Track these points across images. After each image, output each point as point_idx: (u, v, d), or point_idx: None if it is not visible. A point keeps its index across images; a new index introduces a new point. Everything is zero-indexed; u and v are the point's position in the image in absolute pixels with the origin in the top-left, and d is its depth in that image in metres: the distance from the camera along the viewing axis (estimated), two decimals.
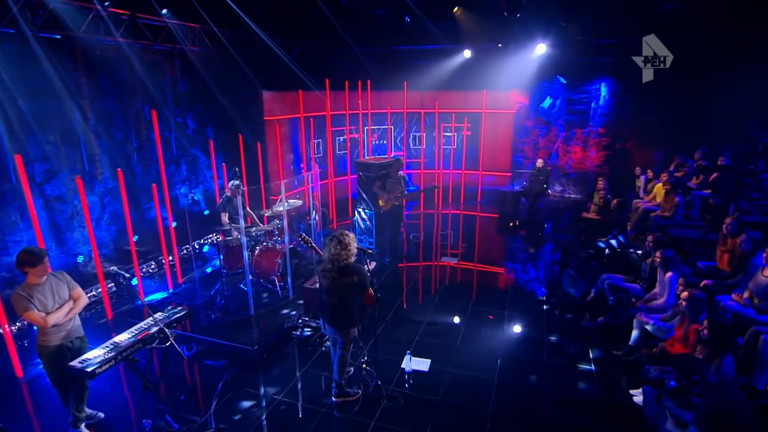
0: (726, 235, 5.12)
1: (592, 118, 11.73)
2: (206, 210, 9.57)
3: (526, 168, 12.10)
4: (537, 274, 7.18)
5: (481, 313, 5.84)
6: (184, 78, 8.74)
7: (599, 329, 5.29)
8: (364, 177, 7.80)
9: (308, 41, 10.27)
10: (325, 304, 3.92)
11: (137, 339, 3.51)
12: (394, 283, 6.81)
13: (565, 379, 4.55)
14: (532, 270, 7.32)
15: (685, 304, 3.96)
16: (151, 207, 8.50)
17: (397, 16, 10.77)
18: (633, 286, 5.45)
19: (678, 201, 6.83)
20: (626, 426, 3.89)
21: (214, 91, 8.77)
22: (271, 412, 4.10)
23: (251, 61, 9.16)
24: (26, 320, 3.48)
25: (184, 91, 8.79)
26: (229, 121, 9.12)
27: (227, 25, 8.69)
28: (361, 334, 4.55)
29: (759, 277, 4.30)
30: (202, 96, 8.90)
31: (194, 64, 8.69)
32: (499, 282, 6.98)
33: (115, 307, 5.98)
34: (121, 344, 3.45)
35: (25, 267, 3.46)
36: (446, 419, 3.97)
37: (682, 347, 4.04)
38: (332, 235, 3.78)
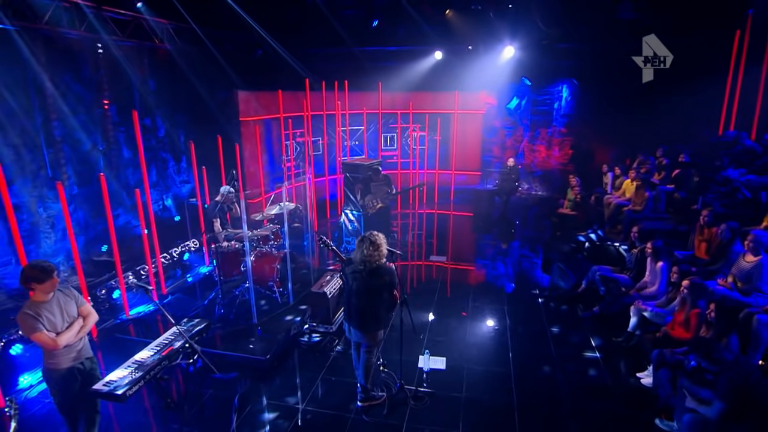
0: (703, 225, 5.57)
1: (555, 119, 12.35)
2: (177, 216, 9.08)
3: (495, 167, 12.54)
4: (523, 269, 7.45)
5: (481, 309, 5.98)
6: (153, 76, 8.24)
7: (595, 318, 5.59)
8: (351, 178, 7.73)
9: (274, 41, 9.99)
10: (353, 307, 3.85)
11: (162, 356, 3.28)
12: None
13: (575, 366, 4.78)
14: (518, 266, 7.60)
15: (687, 291, 4.28)
16: (119, 214, 7.97)
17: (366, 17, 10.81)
18: (622, 276, 5.80)
19: (648, 195, 7.34)
20: (642, 407, 4.13)
21: (187, 91, 8.34)
22: (298, 423, 3.97)
23: (225, 59, 8.80)
24: (35, 342, 3.13)
25: (154, 90, 8.29)
26: (202, 122, 8.70)
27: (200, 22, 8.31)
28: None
29: (741, 263, 4.73)
30: (172, 96, 8.43)
31: (164, 62, 8.23)
32: (490, 278, 7.16)
33: (98, 324, 5.51)
34: (146, 362, 3.21)
35: (31, 283, 3.12)
36: (475, 414, 4.04)
37: (683, 331, 4.36)
38: (363, 236, 3.72)
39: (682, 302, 4.42)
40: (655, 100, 9.51)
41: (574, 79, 11.55)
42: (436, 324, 5.59)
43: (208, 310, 5.70)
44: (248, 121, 8.96)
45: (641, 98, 9.87)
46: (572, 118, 11.98)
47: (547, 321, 5.68)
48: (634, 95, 9.98)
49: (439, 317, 5.75)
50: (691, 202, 7.01)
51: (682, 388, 3.69)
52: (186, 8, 7.75)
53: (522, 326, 5.57)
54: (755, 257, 4.58)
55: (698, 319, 4.16)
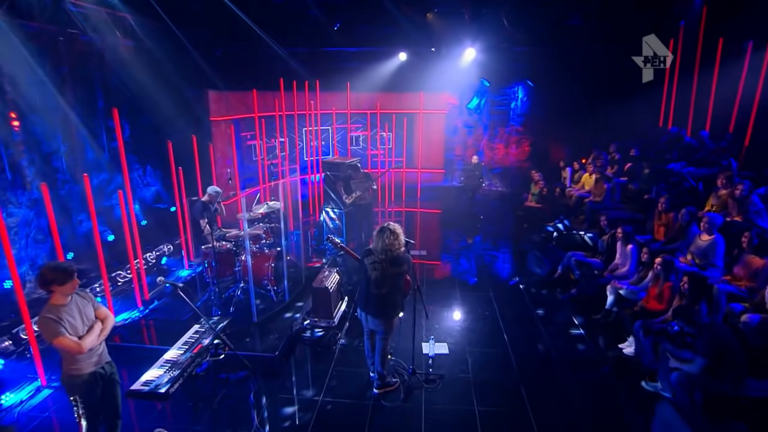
0: (661, 211, 6.25)
1: (512, 118, 13.09)
2: (144, 220, 8.67)
3: (457, 165, 13.06)
4: (498, 259, 7.90)
5: (469, 297, 6.30)
6: (116, 74, 7.81)
7: (574, 300, 6.10)
8: (332, 176, 7.80)
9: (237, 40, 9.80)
10: (371, 297, 3.99)
11: (194, 353, 3.24)
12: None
13: (564, 343, 5.21)
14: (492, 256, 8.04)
15: (660, 267, 4.83)
16: (83, 220, 7.50)
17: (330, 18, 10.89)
18: (594, 260, 6.37)
19: (607, 187, 8.05)
20: (627, 373, 4.61)
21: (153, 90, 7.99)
22: (320, 413, 4.04)
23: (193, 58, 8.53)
24: (58, 347, 2.98)
25: (116, 89, 7.86)
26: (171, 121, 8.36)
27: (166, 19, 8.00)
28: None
29: (698, 242, 5.39)
30: (138, 95, 8.03)
31: (128, 59, 7.84)
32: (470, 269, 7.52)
33: None
34: (180, 360, 3.17)
35: (52, 285, 2.98)
36: (486, 392, 4.32)
37: (656, 303, 4.91)
38: (383, 226, 3.88)
39: (655, 278, 4.97)
40: (602, 101, 10.39)
41: (528, 80, 12.32)
42: (431, 312, 5.82)
43: (203, 311, 5.55)
44: (219, 121, 8.74)
45: (590, 99, 10.77)
46: (528, 118, 12.76)
47: (532, 305, 6.11)
48: (584, 97, 10.87)
49: (432, 305, 5.98)
50: (644, 192, 7.78)
51: (665, 351, 4.18)
52: (148, 3, 7.46)
53: (509, 311, 5.95)
54: (710, 236, 5.24)
55: (671, 291, 4.72)
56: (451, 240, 9.10)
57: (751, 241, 4.82)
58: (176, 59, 8.19)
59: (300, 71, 10.26)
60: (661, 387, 4.22)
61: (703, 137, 7.97)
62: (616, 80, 10.16)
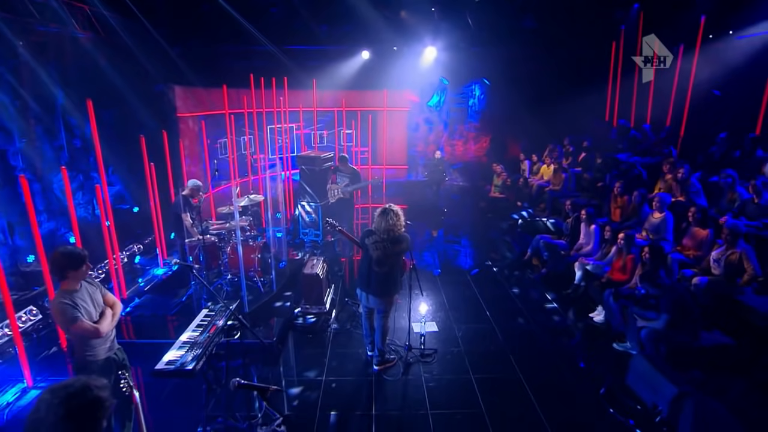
0: (616, 195, 6.90)
1: (470, 115, 13.69)
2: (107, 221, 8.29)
3: (420, 161, 13.47)
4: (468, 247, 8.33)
5: (450, 282, 6.63)
6: (75, 67, 7.45)
7: (544, 278, 6.60)
8: (308, 170, 7.89)
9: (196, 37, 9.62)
10: (372, 275, 4.18)
11: (211, 333, 3.29)
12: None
13: (542, 316, 5.66)
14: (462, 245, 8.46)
15: (623, 242, 5.38)
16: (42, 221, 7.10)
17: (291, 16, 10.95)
18: (560, 241, 6.91)
19: (564, 176, 8.72)
20: (599, 337, 5.11)
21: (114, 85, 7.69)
22: (326, 391, 4.18)
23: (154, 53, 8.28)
24: (76, 332, 2.92)
25: (77, 82, 7.49)
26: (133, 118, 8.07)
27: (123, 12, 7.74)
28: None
29: (651, 219, 6.04)
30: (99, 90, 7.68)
31: (87, 53, 7.50)
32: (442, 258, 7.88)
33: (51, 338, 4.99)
34: (198, 340, 3.21)
35: (67, 270, 2.94)
36: (478, 362, 4.63)
37: (620, 274, 5.47)
38: (385, 208, 4.08)
39: (618, 252, 5.53)
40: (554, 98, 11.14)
41: (485, 79, 12.96)
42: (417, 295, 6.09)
43: (189, 306, 5.49)
44: (186, 117, 8.55)
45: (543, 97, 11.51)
46: (485, 115, 13.40)
47: (508, 285, 6.54)
48: (537, 94, 11.60)
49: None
50: (597, 180, 8.49)
51: (632, 314, 4.70)
52: None
53: (488, 291, 6.33)
54: (661, 214, 5.90)
55: (633, 262, 5.28)
56: (420, 232, 9.42)
57: (695, 216, 5.49)
58: (140, 53, 7.93)
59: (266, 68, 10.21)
60: (630, 346, 4.74)
61: (645, 130, 8.83)
62: (566, 79, 10.96)
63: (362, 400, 4.09)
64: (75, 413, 1.46)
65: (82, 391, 1.48)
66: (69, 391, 1.48)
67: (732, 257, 4.75)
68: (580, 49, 10.93)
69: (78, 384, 1.50)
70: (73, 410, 1.45)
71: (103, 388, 1.55)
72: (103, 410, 1.49)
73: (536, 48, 11.47)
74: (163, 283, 6.34)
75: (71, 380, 1.55)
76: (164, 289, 6.05)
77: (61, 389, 1.49)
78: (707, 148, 7.48)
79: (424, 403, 4.02)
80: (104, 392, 1.55)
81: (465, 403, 4.02)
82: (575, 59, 11.11)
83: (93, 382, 1.53)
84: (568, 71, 11.11)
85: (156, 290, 5.99)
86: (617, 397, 4.04)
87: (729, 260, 4.76)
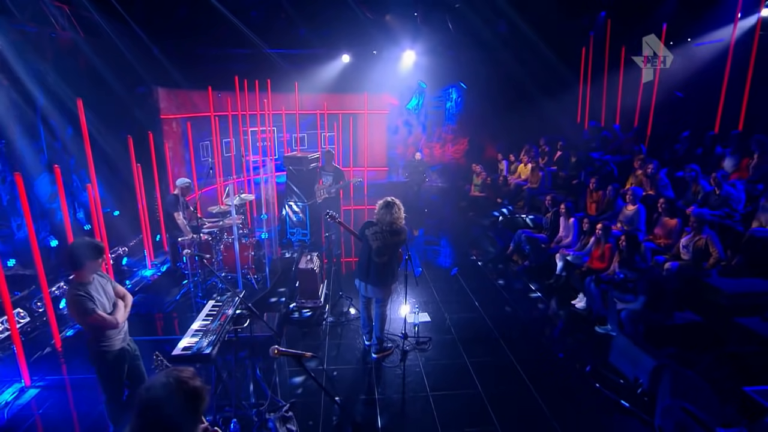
0: (592, 190, 7.32)
1: (448, 118, 14.07)
2: (87, 225, 8.15)
3: (400, 162, 13.74)
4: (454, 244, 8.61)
5: (438, 276, 6.87)
6: (56, 68, 7.32)
7: (527, 270, 6.92)
8: (294, 171, 7.99)
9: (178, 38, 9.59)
10: (372, 265, 4.36)
11: (222, 321, 3.39)
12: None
13: (527, 304, 5.96)
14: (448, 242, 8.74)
15: (601, 232, 5.75)
16: (22, 224, 6.94)
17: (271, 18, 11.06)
18: (541, 235, 7.26)
19: (541, 175, 9.13)
20: (581, 322, 5.44)
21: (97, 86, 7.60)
22: (328, 379, 4.32)
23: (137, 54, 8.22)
24: (92, 323, 2.96)
25: (57, 83, 7.36)
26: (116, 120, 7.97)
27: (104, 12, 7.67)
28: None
29: (625, 212, 6.45)
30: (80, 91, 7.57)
31: (68, 53, 7.40)
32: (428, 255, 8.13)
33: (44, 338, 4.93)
34: (211, 327, 3.30)
35: (85, 261, 2.99)
36: (471, 347, 4.86)
37: (599, 263, 5.83)
38: (388, 201, 4.28)
39: (596, 242, 5.89)
40: (528, 101, 11.62)
41: (461, 82, 13.36)
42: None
43: (184, 304, 5.52)
44: (170, 119, 8.51)
45: (517, 99, 11.97)
46: (462, 117, 13.80)
47: (494, 277, 6.83)
48: (512, 97, 12.06)
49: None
50: (572, 178, 8.94)
51: (612, 298, 5.04)
52: None
53: (474, 283, 6.61)
54: (634, 206, 6.32)
55: (611, 251, 5.65)
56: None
57: (664, 207, 5.92)
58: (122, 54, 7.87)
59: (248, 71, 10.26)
60: (611, 328, 5.07)
61: (615, 130, 9.36)
62: (540, 82, 11.45)
63: (364, 385, 4.25)
64: (190, 395, 1.59)
65: (192, 377, 1.64)
66: (182, 376, 1.62)
67: (699, 243, 5.16)
68: (552, 55, 11.45)
69: (187, 372, 1.65)
70: (189, 392, 1.59)
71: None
72: (206, 392, 1.65)
73: (510, 53, 11.93)
74: (153, 283, 6.32)
75: (178, 368, 1.68)
76: (155, 289, 6.05)
77: (174, 373, 1.63)
78: (672, 145, 8.01)
79: (424, 386, 4.21)
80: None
81: (462, 384, 4.24)
82: (548, 64, 11.62)
83: (188, 372, 1.66)
84: (541, 75, 11.59)
85: (147, 290, 5.98)
86: (602, 374, 4.34)
87: (696, 246, 5.18)
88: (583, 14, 11.04)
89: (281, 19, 10.93)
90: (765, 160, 6.16)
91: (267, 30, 10.90)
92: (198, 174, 9.16)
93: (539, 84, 11.38)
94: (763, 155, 6.19)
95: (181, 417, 1.53)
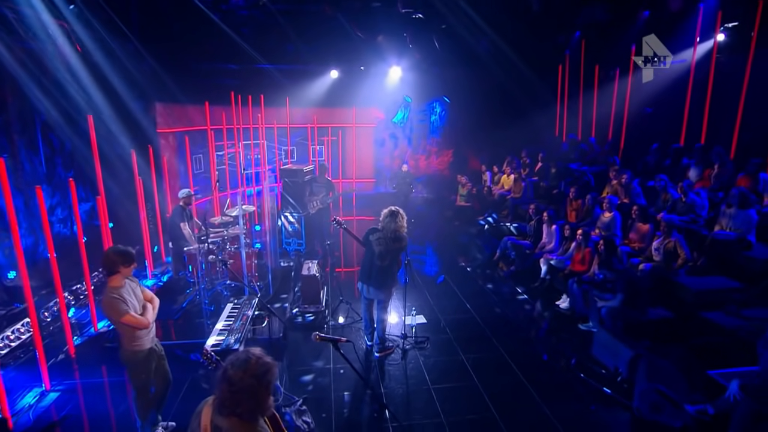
0: (572, 199, 7.85)
1: (432, 131, 14.60)
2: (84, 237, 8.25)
3: (386, 174, 14.16)
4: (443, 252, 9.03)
5: (430, 282, 7.26)
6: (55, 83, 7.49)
7: (513, 275, 7.37)
8: (290, 183, 8.30)
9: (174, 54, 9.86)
10: (375, 269, 4.72)
11: (244, 321, 3.68)
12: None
13: (515, 306, 6.39)
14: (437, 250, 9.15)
15: (582, 237, 6.24)
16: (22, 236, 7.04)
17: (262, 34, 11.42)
18: (525, 242, 7.74)
19: (524, 185, 9.66)
20: (566, 320, 5.88)
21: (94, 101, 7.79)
22: (336, 377, 4.62)
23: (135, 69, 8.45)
24: (126, 323, 3.22)
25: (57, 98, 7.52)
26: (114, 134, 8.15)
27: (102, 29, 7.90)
28: None
29: (602, 219, 6.98)
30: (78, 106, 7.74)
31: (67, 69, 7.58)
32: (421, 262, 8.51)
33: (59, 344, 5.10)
34: (235, 327, 3.59)
35: (119, 266, 3.26)
36: (467, 345, 5.24)
37: (580, 266, 6.31)
38: (392, 210, 4.67)
39: (577, 246, 6.38)
40: (509, 115, 12.23)
41: (445, 97, 13.94)
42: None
43: (191, 311, 5.74)
44: (167, 133, 8.74)
45: (499, 113, 12.58)
46: (445, 130, 14.35)
47: (482, 282, 7.25)
48: (494, 111, 12.67)
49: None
50: (553, 188, 9.50)
51: (593, 297, 5.51)
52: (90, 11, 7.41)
53: (465, 287, 7.01)
54: (610, 213, 6.85)
55: (591, 254, 6.13)
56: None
57: (638, 214, 6.46)
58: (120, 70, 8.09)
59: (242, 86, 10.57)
60: (592, 325, 5.53)
61: (592, 143, 10.00)
62: (520, 97, 12.09)
63: (370, 381, 4.56)
64: (265, 369, 1.88)
65: (265, 354, 1.94)
66: (258, 353, 1.91)
67: (668, 245, 5.69)
68: (530, 72, 12.12)
69: (260, 350, 1.94)
70: (264, 366, 1.88)
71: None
72: (276, 368, 1.95)
73: (492, 70, 12.55)
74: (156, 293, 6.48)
75: (252, 348, 1.96)
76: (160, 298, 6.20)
77: (251, 351, 1.92)
78: (644, 157, 8.64)
79: (425, 381, 4.56)
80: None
81: (460, 378, 4.60)
82: (527, 80, 12.28)
83: (261, 351, 1.96)
84: (521, 91, 12.24)
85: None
86: (586, 365, 4.77)
87: (666, 248, 5.70)
88: (558, 34, 11.75)
89: (273, 34, 11.29)
90: (724, 171, 6.79)
91: (258, 46, 11.25)
92: (195, 186, 9.39)
93: (520, 99, 12.02)
94: (722, 166, 6.83)
95: (258, 387, 1.84)
